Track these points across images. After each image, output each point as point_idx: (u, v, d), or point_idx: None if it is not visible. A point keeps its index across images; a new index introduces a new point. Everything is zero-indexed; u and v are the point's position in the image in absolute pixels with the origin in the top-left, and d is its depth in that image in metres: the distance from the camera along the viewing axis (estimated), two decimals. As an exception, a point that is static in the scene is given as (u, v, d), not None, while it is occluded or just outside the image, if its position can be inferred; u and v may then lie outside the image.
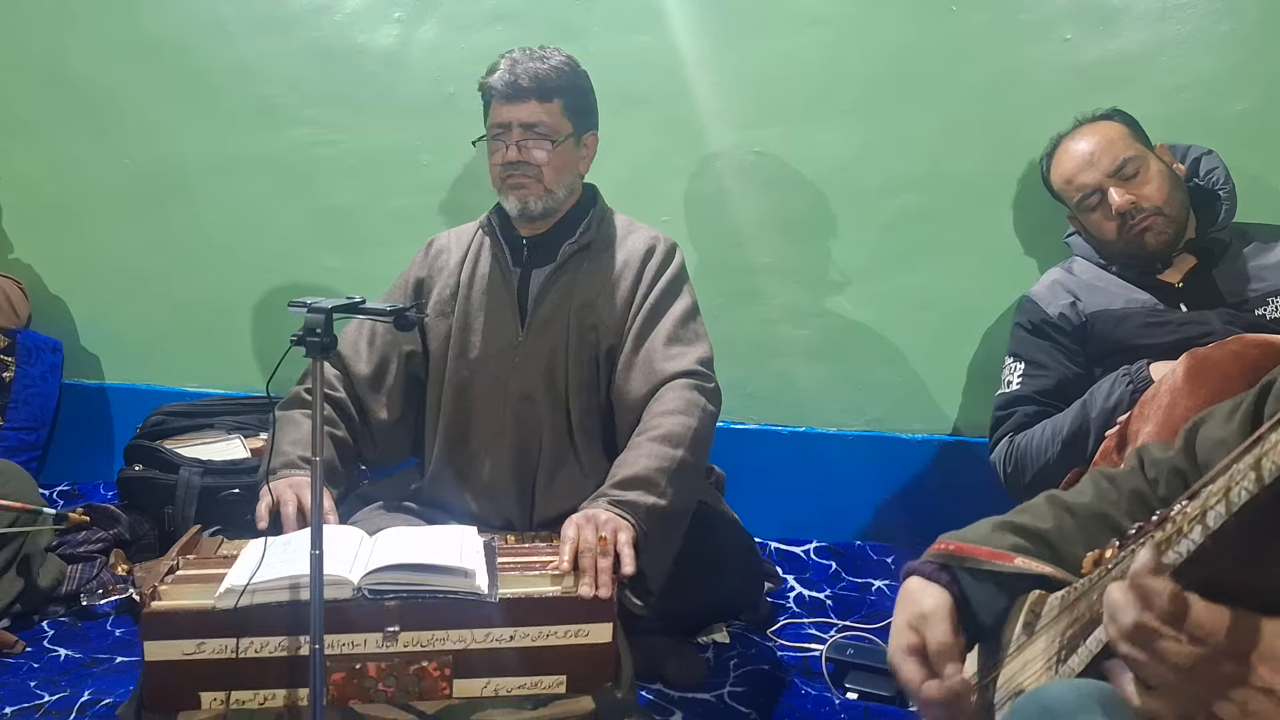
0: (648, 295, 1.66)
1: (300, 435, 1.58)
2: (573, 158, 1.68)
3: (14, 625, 1.76)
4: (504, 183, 1.66)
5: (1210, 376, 1.25)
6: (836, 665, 1.65)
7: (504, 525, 1.67)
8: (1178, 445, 0.91)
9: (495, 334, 1.68)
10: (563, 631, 1.25)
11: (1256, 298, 1.67)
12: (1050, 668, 0.76)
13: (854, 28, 2.07)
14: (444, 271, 1.75)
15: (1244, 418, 0.84)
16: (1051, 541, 0.89)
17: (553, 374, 1.66)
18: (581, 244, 1.69)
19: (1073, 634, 0.75)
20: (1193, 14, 1.92)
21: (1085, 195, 1.73)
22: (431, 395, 1.73)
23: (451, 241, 1.80)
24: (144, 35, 2.35)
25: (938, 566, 0.91)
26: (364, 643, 1.21)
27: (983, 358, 2.12)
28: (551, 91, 1.63)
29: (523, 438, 1.67)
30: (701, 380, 1.60)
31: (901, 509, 2.17)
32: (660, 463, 1.46)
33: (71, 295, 2.52)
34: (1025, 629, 0.83)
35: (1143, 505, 0.90)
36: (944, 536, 0.94)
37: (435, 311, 1.73)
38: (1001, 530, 0.91)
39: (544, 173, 1.63)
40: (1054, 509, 0.92)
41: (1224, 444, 0.84)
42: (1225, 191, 1.74)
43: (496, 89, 1.63)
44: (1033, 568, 0.85)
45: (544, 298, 1.67)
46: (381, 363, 1.71)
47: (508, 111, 1.63)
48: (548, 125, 1.63)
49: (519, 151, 1.63)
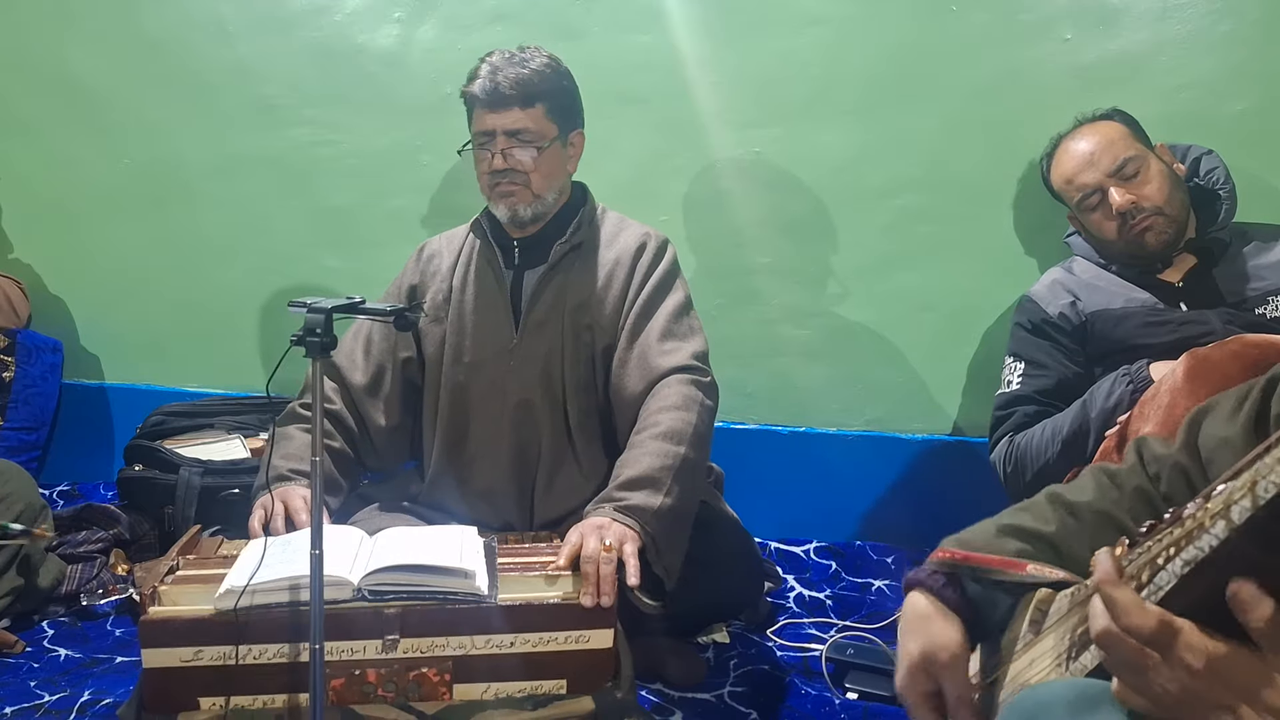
0: (640, 292, 1.66)
1: (292, 449, 1.60)
2: (560, 159, 1.68)
3: (14, 625, 1.76)
4: (492, 190, 1.65)
5: (1210, 376, 1.25)
6: (836, 665, 1.65)
7: (504, 528, 1.66)
8: (1179, 440, 0.91)
9: (490, 337, 1.68)
10: (563, 637, 1.25)
11: (1256, 297, 1.67)
12: (1060, 664, 0.76)
13: (854, 28, 2.07)
14: (436, 276, 1.75)
15: (1249, 415, 0.83)
16: (1055, 544, 0.88)
17: (549, 376, 1.66)
18: (573, 243, 1.68)
19: (1083, 631, 0.74)
20: (1193, 14, 1.92)
21: (1086, 195, 1.73)
22: (428, 400, 1.72)
23: (443, 246, 1.79)
24: (144, 35, 2.35)
25: (944, 579, 0.90)
26: (363, 649, 1.21)
27: (983, 358, 2.12)
28: (534, 96, 1.61)
29: (521, 440, 1.67)
30: (698, 375, 1.60)
31: (901, 509, 2.17)
32: (664, 461, 1.46)
33: (71, 295, 2.52)
34: (1032, 627, 0.83)
35: (1146, 503, 0.90)
36: (946, 542, 0.93)
37: (429, 317, 1.72)
38: (1005, 535, 0.90)
39: (531, 179, 1.63)
40: (1056, 509, 0.91)
41: (1228, 442, 0.84)
42: (1225, 191, 1.74)
43: (478, 97, 1.62)
44: (1045, 574, 0.84)
45: (537, 299, 1.67)
46: (378, 371, 1.72)
47: (491, 119, 1.61)
48: (532, 131, 1.61)
49: (505, 159, 1.61)
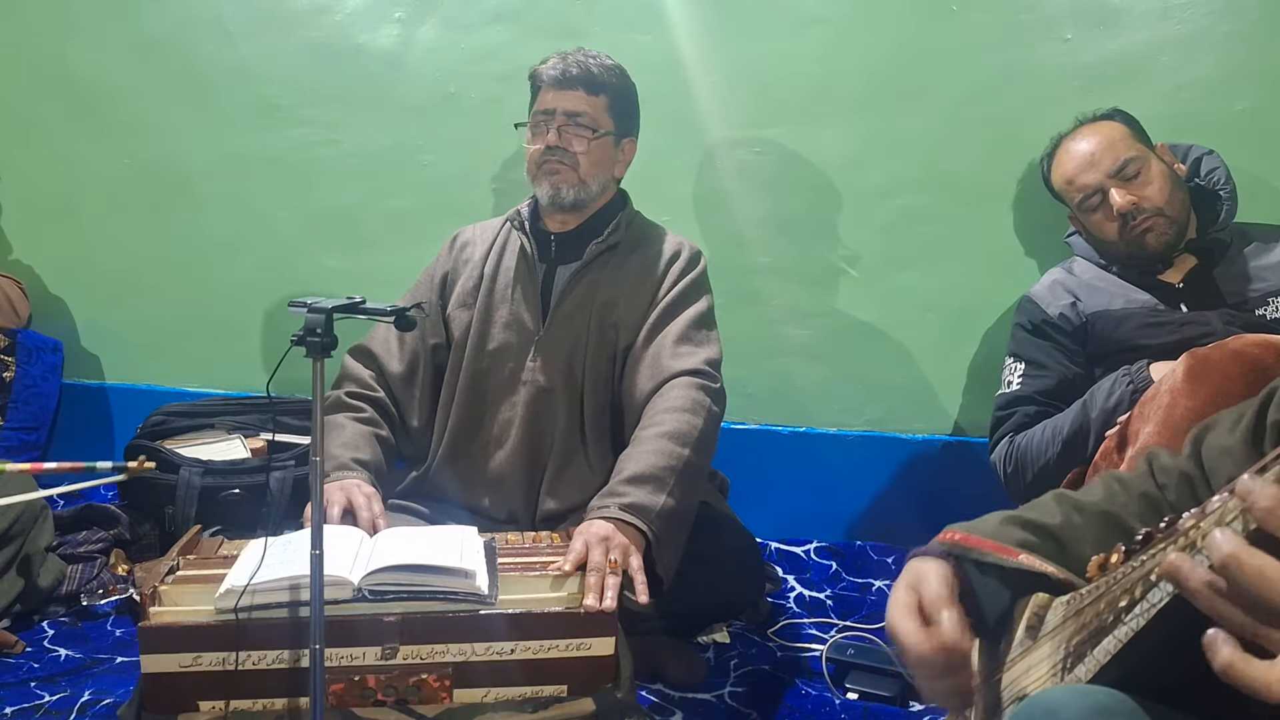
0: (666, 296, 1.68)
1: (347, 438, 1.60)
2: (610, 156, 1.71)
3: (14, 625, 1.76)
4: (540, 168, 1.68)
5: (1210, 376, 1.25)
6: (837, 665, 1.65)
7: (508, 518, 1.67)
8: (1185, 451, 0.91)
9: (515, 326, 1.70)
10: (564, 645, 1.24)
11: (1257, 297, 1.66)
12: (1055, 674, 0.76)
13: (854, 28, 2.07)
14: (469, 264, 1.77)
15: (1247, 427, 0.84)
16: (1059, 537, 0.88)
17: (571, 369, 1.67)
18: (609, 244, 1.70)
19: (1080, 641, 0.74)
20: (1193, 14, 1.92)
21: (1086, 196, 1.73)
22: (447, 384, 1.73)
23: (476, 235, 1.81)
24: (144, 35, 2.35)
25: (943, 553, 0.91)
26: (363, 655, 1.21)
27: (983, 358, 2.12)
28: (600, 86, 1.67)
29: (535, 430, 1.68)
30: (707, 380, 1.60)
31: (902, 509, 2.17)
32: (668, 460, 1.46)
33: (72, 295, 2.52)
34: (1029, 632, 0.83)
35: (1153, 509, 0.90)
36: (951, 526, 0.94)
37: (458, 303, 1.74)
38: (1009, 524, 0.90)
39: (580, 162, 1.66)
40: (1062, 506, 0.92)
41: (1229, 452, 0.84)
42: (1226, 192, 1.74)
43: (547, 75, 1.67)
44: (1036, 565, 0.85)
45: (568, 294, 1.68)
46: (413, 359, 1.73)
47: (554, 98, 1.66)
48: (590, 117, 1.67)
49: (559, 136, 1.65)
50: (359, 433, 1.62)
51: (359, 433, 1.62)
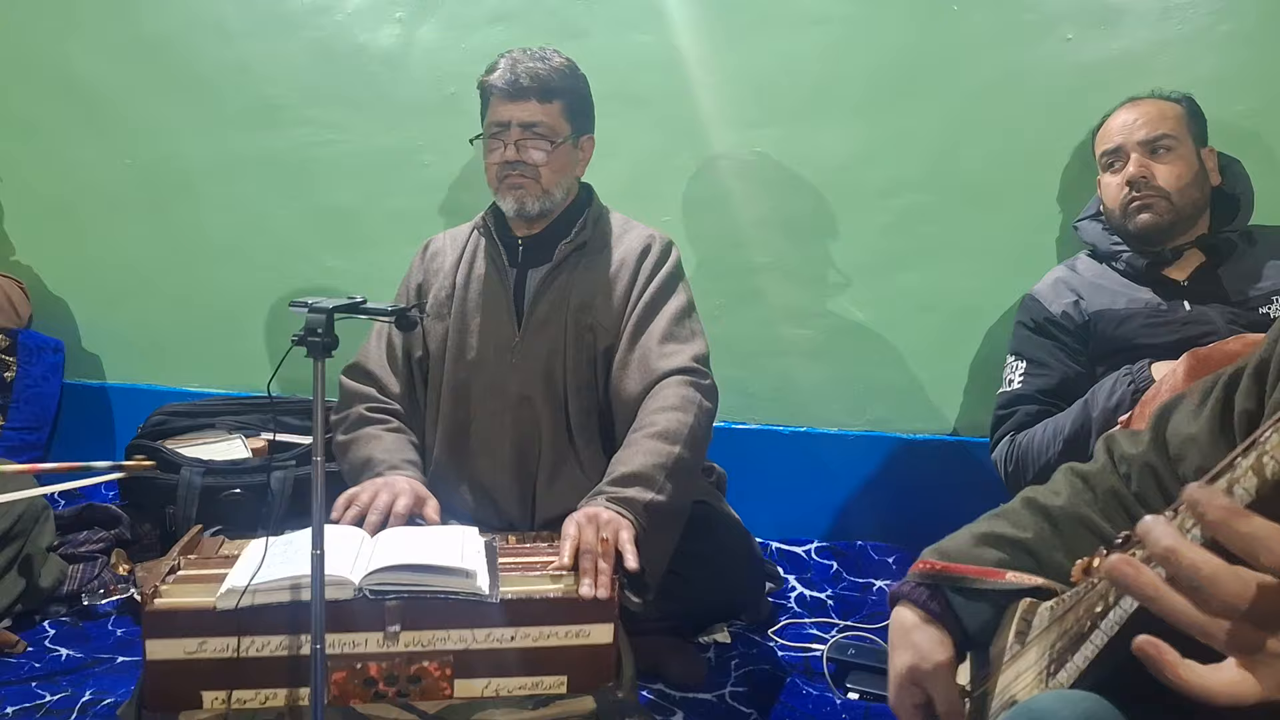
0: (643, 293, 1.66)
1: (389, 444, 1.61)
2: (570, 159, 1.68)
3: (15, 625, 1.76)
4: (501, 182, 1.65)
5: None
6: (838, 665, 1.65)
7: (505, 526, 1.66)
8: (1146, 437, 0.90)
9: (492, 335, 1.68)
10: (564, 632, 1.24)
11: (1260, 296, 1.66)
12: (1041, 681, 0.76)
13: (855, 28, 2.07)
14: (440, 273, 1.75)
15: (1213, 413, 0.83)
16: (1033, 550, 0.89)
17: (551, 374, 1.66)
18: (577, 243, 1.69)
19: (1061, 647, 0.74)
20: (1193, 14, 1.92)
21: (1109, 151, 1.73)
22: (431, 397, 1.73)
23: (446, 243, 1.79)
24: (144, 35, 2.35)
25: (927, 591, 0.91)
26: (365, 642, 1.21)
27: (984, 358, 2.12)
28: (553, 93, 1.63)
29: (522, 438, 1.67)
30: (697, 377, 1.59)
31: (903, 509, 2.17)
32: (658, 459, 1.46)
33: (72, 295, 2.52)
34: (1018, 638, 0.83)
35: (1118, 505, 0.90)
36: (926, 553, 0.93)
37: (432, 314, 1.73)
38: (983, 544, 0.90)
39: (541, 173, 1.63)
40: (1033, 515, 0.91)
41: (1194, 440, 0.83)
42: (1245, 198, 1.74)
43: (497, 87, 1.62)
44: (1024, 581, 0.85)
45: (540, 298, 1.67)
46: (409, 377, 1.74)
47: (507, 110, 1.62)
48: (547, 126, 1.63)
49: (517, 151, 1.62)
50: (397, 440, 1.63)
51: (397, 440, 1.63)
